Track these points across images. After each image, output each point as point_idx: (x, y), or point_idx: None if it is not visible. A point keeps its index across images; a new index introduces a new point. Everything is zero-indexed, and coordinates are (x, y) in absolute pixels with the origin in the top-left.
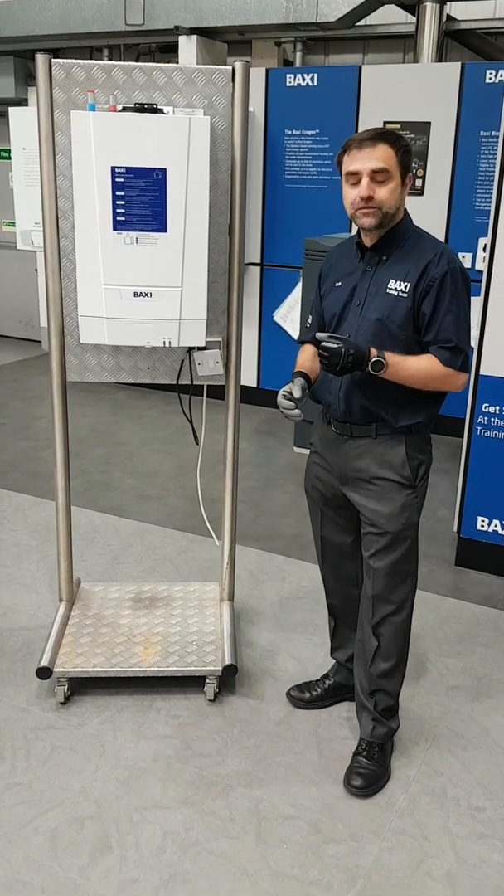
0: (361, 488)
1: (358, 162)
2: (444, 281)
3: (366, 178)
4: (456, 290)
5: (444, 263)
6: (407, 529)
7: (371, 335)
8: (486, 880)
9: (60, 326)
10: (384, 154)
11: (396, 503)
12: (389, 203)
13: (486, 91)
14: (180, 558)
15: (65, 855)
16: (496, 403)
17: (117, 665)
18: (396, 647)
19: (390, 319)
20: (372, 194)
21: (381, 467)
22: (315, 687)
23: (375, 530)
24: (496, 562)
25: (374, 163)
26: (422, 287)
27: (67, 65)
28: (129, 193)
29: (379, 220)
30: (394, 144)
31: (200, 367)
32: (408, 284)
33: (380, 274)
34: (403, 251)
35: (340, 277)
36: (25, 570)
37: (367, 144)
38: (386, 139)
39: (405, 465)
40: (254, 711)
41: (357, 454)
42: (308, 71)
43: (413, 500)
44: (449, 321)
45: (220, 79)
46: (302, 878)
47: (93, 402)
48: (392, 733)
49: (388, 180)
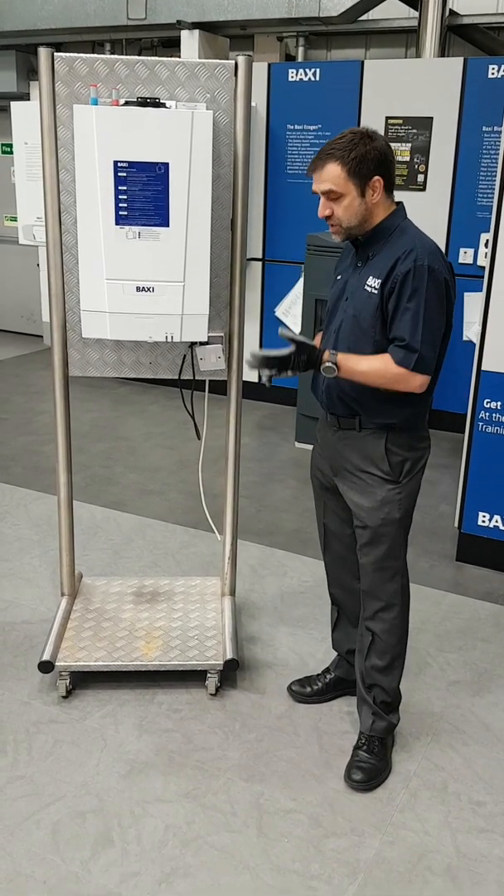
0: (348, 480)
1: (314, 183)
2: (406, 278)
3: (322, 198)
4: (417, 288)
5: (409, 260)
6: (386, 525)
7: (349, 331)
8: (487, 875)
9: (62, 321)
10: (330, 175)
11: (376, 497)
12: (347, 218)
13: (489, 86)
14: (182, 553)
15: (67, 848)
16: (497, 399)
17: (119, 659)
18: (390, 644)
19: (362, 316)
20: (329, 213)
21: (363, 460)
22: (316, 681)
23: (359, 523)
24: (497, 557)
25: (323, 185)
26: (389, 284)
27: (70, 58)
28: (132, 188)
29: (344, 234)
30: (341, 160)
31: (202, 362)
32: (378, 281)
33: (365, 270)
34: (386, 247)
35: (341, 272)
36: (27, 565)
37: (318, 166)
38: (334, 156)
39: (384, 459)
40: (255, 705)
41: (343, 445)
42: (310, 66)
43: (395, 496)
44: (406, 319)
45: (222, 73)
46: (303, 872)
47: (95, 397)
48: (392, 728)
49: (341, 198)
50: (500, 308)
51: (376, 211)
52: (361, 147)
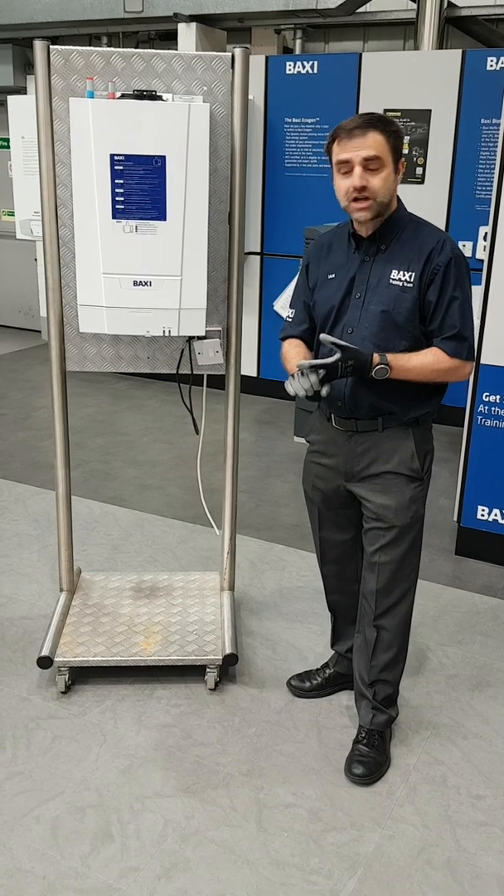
0: (368, 483)
1: (349, 151)
2: (448, 268)
3: (358, 168)
4: (460, 277)
5: (447, 251)
6: (414, 522)
7: (377, 328)
8: (487, 869)
9: (60, 316)
10: (375, 141)
11: (405, 496)
12: (383, 192)
13: (487, 78)
14: (181, 548)
15: (66, 844)
16: (497, 392)
17: (118, 654)
18: (397, 637)
19: (396, 311)
20: (365, 184)
21: (390, 461)
22: (315, 676)
23: (382, 525)
24: (496, 551)
25: (366, 151)
26: (427, 276)
27: (66, 51)
28: (128, 181)
29: (375, 211)
30: (384, 130)
31: (200, 356)
32: (412, 274)
33: (380, 264)
34: (403, 240)
35: (334, 269)
36: (26, 560)
37: (358, 133)
38: (376, 126)
39: (414, 457)
40: (254, 700)
41: (364, 449)
42: (308, 58)
43: (420, 493)
44: (454, 309)
45: (219, 65)
46: (302, 867)
47: (93, 392)
48: (391, 721)
49: (381, 168)
50: (498, 301)
51: (395, 195)
52: (396, 125)
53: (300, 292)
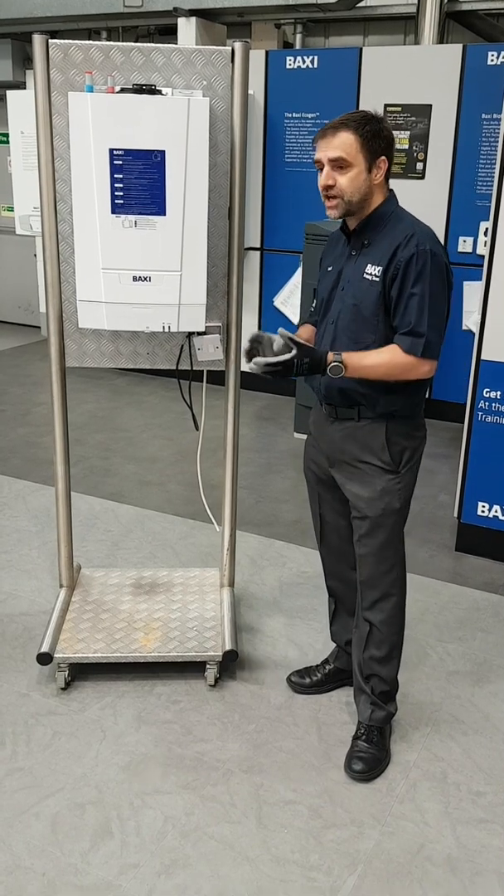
0: (345, 470)
1: (319, 150)
2: (409, 263)
3: (326, 167)
4: (422, 273)
5: (412, 245)
6: (386, 516)
7: (349, 320)
8: (487, 865)
9: (59, 311)
10: (342, 142)
11: (376, 487)
12: (350, 191)
13: (488, 73)
14: (180, 544)
15: (66, 840)
16: (497, 388)
17: (118, 651)
18: (388, 634)
19: (363, 305)
20: (332, 183)
21: (363, 451)
22: (315, 672)
23: (358, 514)
24: (496, 547)
25: (332, 151)
26: (391, 270)
27: (65, 45)
28: (128, 176)
29: (342, 210)
30: (356, 130)
31: (200, 352)
32: (379, 268)
33: (361, 258)
34: (382, 235)
35: (332, 262)
36: (26, 557)
37: (329, 133)
38: (349, 126)
39: (384, 449)
40: (254, 696)
41: (342, 436)
42: (308, 53)
43: (395, 486)
44: (412, 305)
45: (219, 60)
46: (302, 863)
47: (93, 388)
48: (390, 717)
49: (348, 168)
50: (499, 297)
51: (375, 194)
52: (375, 123)
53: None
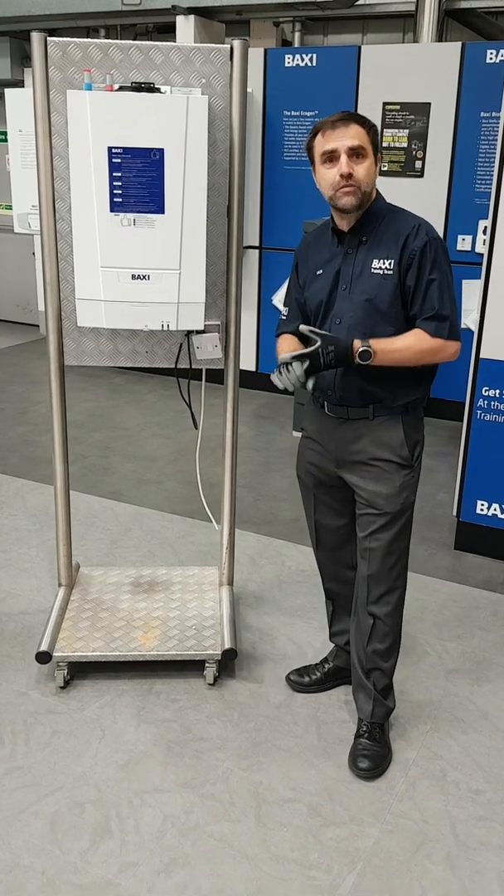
0: (359, 470)
1: (334, 140)
2: (424, 251)
3: (344, 156)
4: (436, 259)
5: (422, 234)
6: (405, 509)
7: (362, 316)
8: (486, 863)
9: (58, 310)
10: (357, 133)
11: (395, 483)
12: (366, 181)
13: (487, 71)
14: (179, 543)
15: (65, 839)
16: (496, 387)
17: (117, 649)
18: (392, 626)
19: (378, 298)
20: (352, 171)
21: (380, 448)
22: (314, 671)
23: (374, 511)
24: (495, 545)
25: (350, 140)
26: (405, 261)
27: (63, 43)
28: (126, 174)
29: (359, 199)
30: (363, 124)
31: (199, 350)
32: (391, 261)
33: (362, 255)
34: (381, 230)
35: (321, 265)
36: (24, 555)
37: (340, 124)
38: (356, 119)
39: (403, 445)
40: (253, 695)
41: (354, 437)
42: (307, 51)
43: (411, 480)
44: (433, 290)
45: (218, 58)
46: (302, 862)
47: (91, 387)
48: (390, 712)
49: (364, 158)
50: (498, 295)
51: (374, 187)
52: (372, 122)
53: (292, 291)
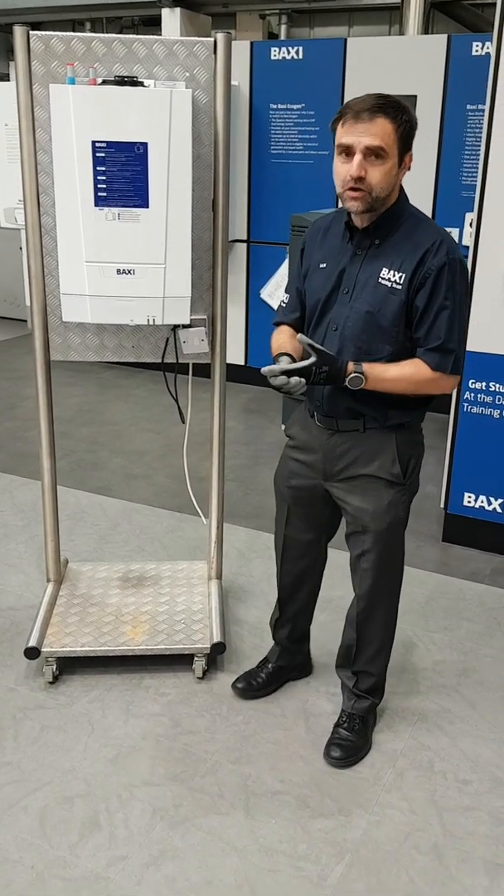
0: (346, 484)
1: (352, 135)
2: (441, 273)
3: (359, 156)
4: (453, 284)
5: (442, 253)
6: (392, 527)
7: (360, 329)
8: (473, 852)
9: (43, 305)
10: (382, 130)
11: (382, 501)
12: (382, 186)
13: (473, 64)
14: (168, 537)
15: (54, 833)
16: (483, 379)
17: (105, 644)
18: (380, 632)
19: (381, 313)
20: (363, 174)
21: (369, 463)
22: (258, 675)
23: (358, 529)
24: (482, 537)
25: (370, 139)
26: (417, 279)
27: (46, 37)
28: (111, 168)
29: (367, 205)
30: (395, 119)
31: (185, 345)
32: (402, 276)
33: (371, 260)
34: (398, 237)
35: (326, 258)
36: (13, 551)
37: (365, 117)
38: (387, 112)
39: (395, 462)
40: None
41: (344, 449)
42: (293, 44)
43: (401, 498)
44: (442, 318)
45: (201, 51)
46: (290, 853)
47: (80, 382)
48: (374, 707)
49: (384, 161)
50: (484, 288)
51: (395, 191)
52: (409, 114)
53: (294, 278)
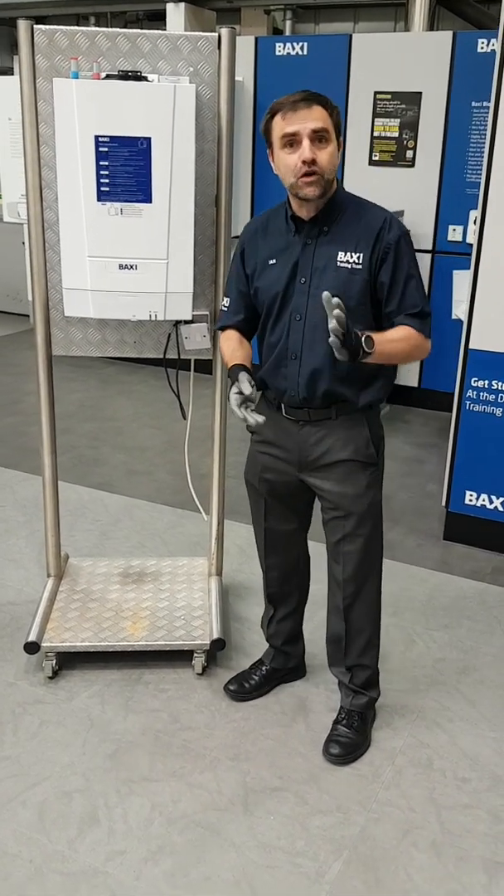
0: (323, 472)
1: (295, 123)
2: (399, 245)
3: (306, 140)
4: (411, 255)
5: (395, 229)
6: (372, 508)
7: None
8: (471, 850)
9: (45, 300)
10: (321, 115)
11: (361, 483)
12: (330, 168)
13: (478, 60)
14: (169, 533)
15: (53, 828)
16: (485, 377)
17: (105, 639)
18: (369, 621)
19: (346, 295)
20: (315, 157)
21: (345, 449)
22: (251, 677)
23: (340, 513)
24: (484, 536)
25: (314, 123)
26: (377, 256)
27: (50, 31)
28: (114, 163)
29: (322, 188)
30: (327, 106)
31: (187, 340)
32: (360, 255)
33: (324, 247)
34: (346, 221)
35: (274, 254)
36: (13, 546)
37: (303, 105)
38: (320, 101)
39: (369, 443)
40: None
41: (317, 439)
42: (298, 39)
43: (375, 479)
44: (412, 286)
45: (205, 46)
46: (289, 850)
47: (82, 377)
48: (372, 703)
49: (328, 143)
50: (487, 286)
51: (334, 177)
52: (334, 103)
53: (234, 280)
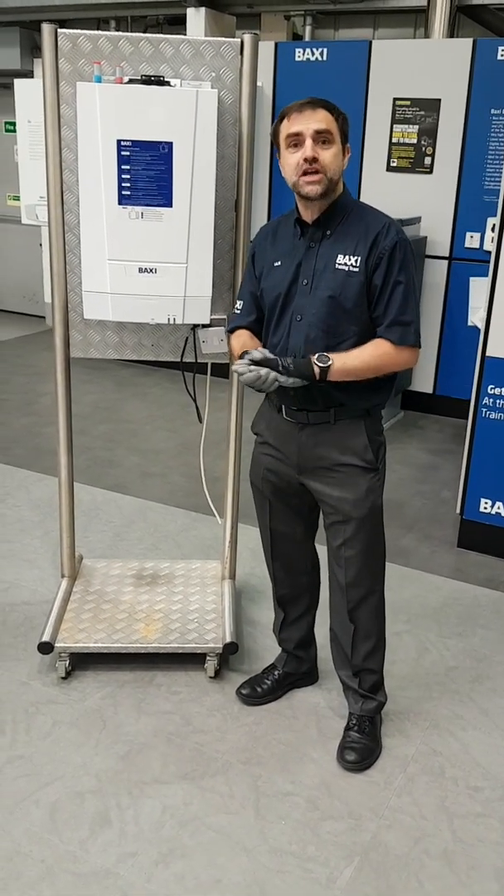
0: (322, 476)
1: (299, 124)
2: (393, 252)
3: (309, 140)
4: (404, 262)
5: (392, 234)
6: (373, 513)
7: (325, 313)
8: (483, 859)
9: (64, 302)
10: (326, 118)
11: (361, 488)
12: (333, 168)
13: (498, 68)
14: (182, 536)
15: (65, 828)
16: (502, 385)
17: (119, 641)
18: (374, 625)
19: (343, 296)
20: (316, 156)
21: (343, 453)
22: (264, 681)
23: (340, 518)
24: (498, 543)
25: (317, 123)
26: (373, 259)
27: (73, 35)
28: (135, 167)
29: (324, 186)
30: (333, 111)
31: (205, 344)
32: (358, 258)
33: (326, 249)
34: (348, 224)
35: (280, 257)
36: (28, 546)
37: (308, 108)
38: (325, 105)
39: (367, 449)
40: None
41: (315, 442)
42: (317, 45)
43: (377, 484)
44: (398, 293)
45: (228, 51)
46: (300, 855)
47: (97, 379)
48: (381, 706)
49: (331, 144)
50: None
51: (340, 181)
52: (342, 111)
53: (246, 283)
